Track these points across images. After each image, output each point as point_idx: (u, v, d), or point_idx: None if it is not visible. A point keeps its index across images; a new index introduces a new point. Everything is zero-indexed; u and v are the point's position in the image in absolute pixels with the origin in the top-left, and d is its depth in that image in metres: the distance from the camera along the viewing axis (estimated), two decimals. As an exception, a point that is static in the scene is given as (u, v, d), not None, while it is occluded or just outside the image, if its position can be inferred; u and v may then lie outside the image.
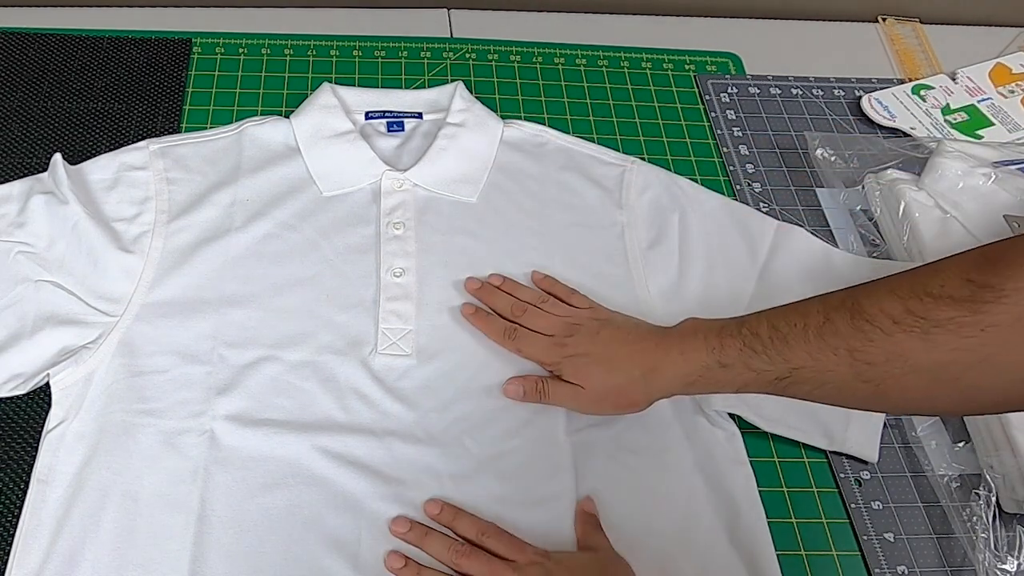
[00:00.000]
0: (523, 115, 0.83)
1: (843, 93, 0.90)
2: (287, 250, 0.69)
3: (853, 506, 0.65)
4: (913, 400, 0.51)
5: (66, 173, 0.69)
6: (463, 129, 0.75)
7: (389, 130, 0.78)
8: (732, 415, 0.66)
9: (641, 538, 0.60)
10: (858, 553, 0.63)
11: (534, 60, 0.90)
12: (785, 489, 0.65)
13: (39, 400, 0.64)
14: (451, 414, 0.64)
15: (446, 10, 0.94)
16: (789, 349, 0.53)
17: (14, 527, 0.58)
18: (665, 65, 0.91)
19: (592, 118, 0.85)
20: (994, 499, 0.63)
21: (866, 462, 0.66)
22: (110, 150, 0.73)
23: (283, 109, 0.82)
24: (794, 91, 0.89)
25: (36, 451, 0.61)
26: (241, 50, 0.87)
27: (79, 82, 0.83)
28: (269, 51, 0.88)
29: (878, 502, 0.65)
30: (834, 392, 0.53)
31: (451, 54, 0.89)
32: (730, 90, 0.89)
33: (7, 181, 0.71)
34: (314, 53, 0.88)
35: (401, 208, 0.72)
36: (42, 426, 0.62)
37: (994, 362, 0.46)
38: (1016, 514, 0.63)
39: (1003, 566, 0.61)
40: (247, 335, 0.65)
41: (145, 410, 0.62)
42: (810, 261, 0.74)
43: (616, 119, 0.85)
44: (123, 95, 0.82)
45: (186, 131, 0.80)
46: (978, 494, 0.63)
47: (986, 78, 0.91)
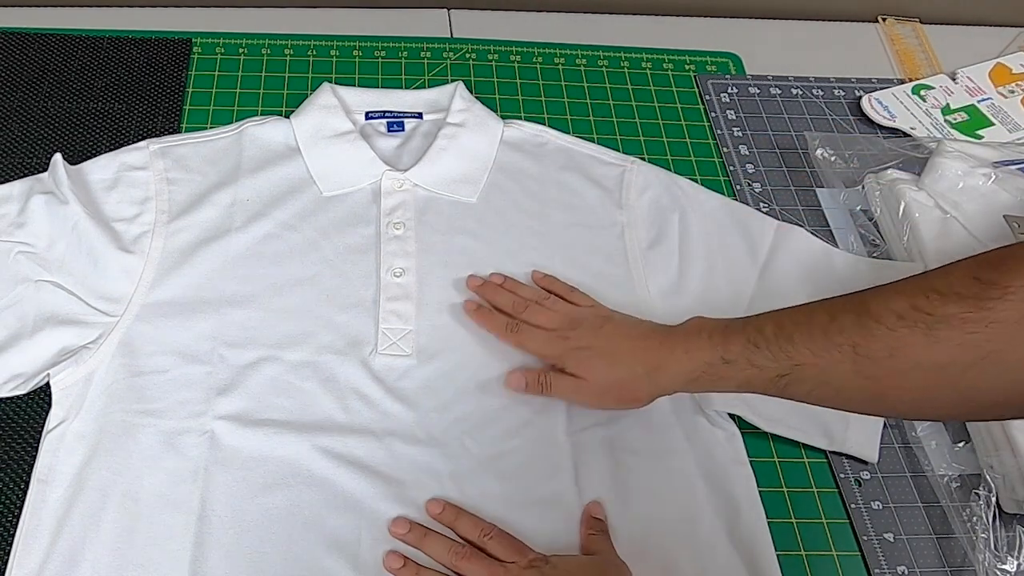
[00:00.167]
0: (523, 115, 0.83)
1: (843, 93, 0.90)
2: (287, 250, 0.69)
3: (853, 506, 0.65)
4: (913, 401, 0.51)
5: (66, 173, 0.69)
6: (463, 129, 0.76)
7: (389, 130, 0.78)
8: (732, 415, 0.66)
9: (641, 538, 0.60)
10: (858, 553, 0.63)
11: (534, 60, 0.90)
12: (785, 489, 0.65)
13: (39, 400, 0.64)
14: (451, 414, 0.64)
15: (446, 10, 0.94)
16: (793, 346, 0.53)
17: (14, 527, 0.58)
18: (665, 65, 0.91)
19: (592, 118, 0.85)
20: (994, 499, 0.63)
21: (866, 462, 0.66)
22: (110, 150, 0.73)
23: (283, 109, 0.82)
24: (794, 91, 0.89)
25: (36, 451, 0.61)
26: (241, 50, 0.87)
27: (79, 82, 0.83)
28: (269, 51, 0.88)
29: (878, 502, 0.65)
30: (834, 392, 0.53)
31: (451, 54, 0.89)
32: (730, 90, 0.89)
33: (7, 181, 0.71)
34: (314, 53, 0.88)
35: (401, 208, 0.72)
36: (42, 426, 0.62)
37: (996, 360, 0.46)
38: (1016, 514, 0.63)
39: (1003, 566, 0.61)
40: (247, 335, 0.65)
41: (145, 410, 0.62)
42: (810, 261, 0.74)
43: (616, 119, 0.85)
44: (123, 95, 0.82)
45: (186, 131, 0.80)
46: (978, 494, 0.63)
47: (986, 78, 0.91)
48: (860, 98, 0.88)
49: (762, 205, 0.80)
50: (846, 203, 0.80)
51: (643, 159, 0.79)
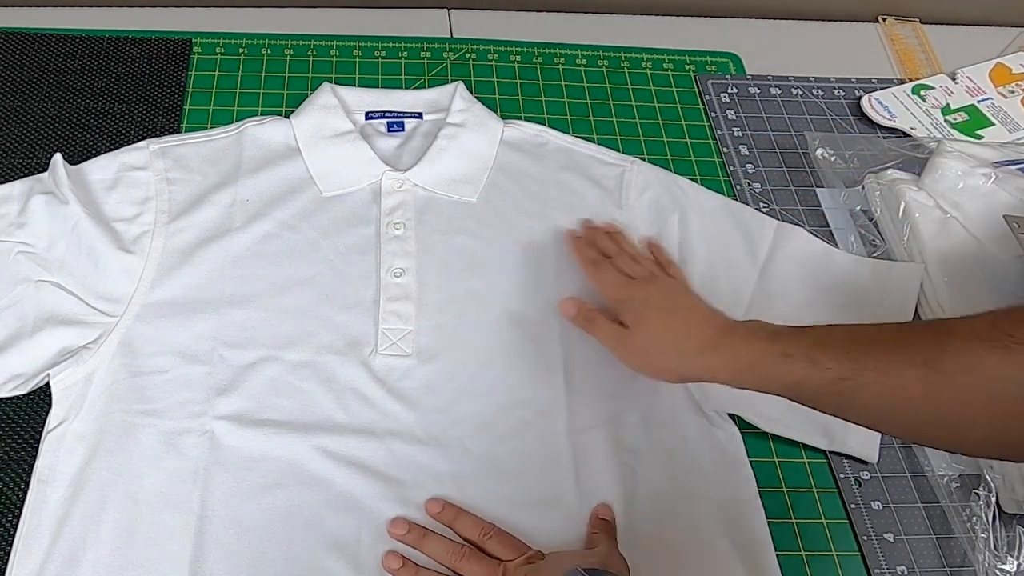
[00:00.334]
0: (523, 115, 0.83)
1: (843, 93, 0.90)
2: (287, 250, 0.69)
3: (853, 506, 0.65)
4: (973, 425, 0.48)
5: (66, 173, 0.69)
6: (463, 129, 0.76)
7: (389, 130, 0.78)
8: (732, 415, 0.66)
9: (641, 538, 0.60)
10: (858, 553, 0.63)
11: (534, 60, 0.90)
12: (785, 489, 0.65)
13: (39, 400, 0.64)
14: (451, 414, 0.64)
15: (446, 10, 0.94)
16: (862, 351, 0.50)
17: (14, 527, 0.59)
18: (665, 65, 0.91)
19: (592, 118, 0.85)
20: (994, 499, 0.63)
21: (866, 462, 0.66)
22: (110, 150, 0.73)
23: (283, 109, 0.82)
24: (794, 91, 0.89)
25: (36, 451, 0.61)
26: (241, 50, 0.87)
27: (79, 82, 0.83)
28: (269, 51, 0.88)
29: (878, 502, 0.65)
30: (893, 405, 0.50)
31: (451, 54, 0.89)
32: (730, 90, 0.89)
33: (7, 181, 0.71)
34: (314, 53, 0.88)
35: (401, 208, 0.72)
36: (42, 426, 0.62)
37: None
38: (1016, 514, 0.63)
39: (1003, 566, 0.61)
40: (247, 335, 0.65)
41: (145, 410, 0.62)
42: (810, 261, 0.74)
43: (616, 119, 0.85)
44: (123, 95, 0.82)
45: (186, 131, 0.80)
46: (978, 494, 0.63)
47: (986, 78, 0.91)
48: (860, 98, 0.88)
49: (762, 205, 0.80)
50: (846, 203, 0.80)
51: (643, 159, 0.79)
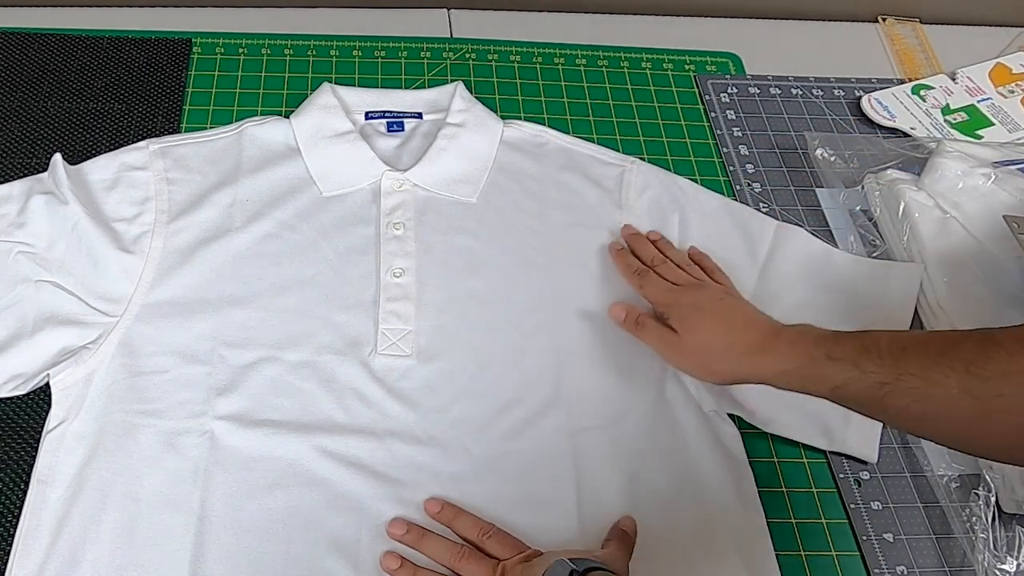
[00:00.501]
0: (523, 115, 0.83)
1: (843, 93, 0.90)
2: (287, 250, 0.69)
3: (852, 506, 0.65)
4: (1012, 431, 0.49)
5: (66, 173, 0.69)
6: (463, 129, 0.76)
7: (389, 130, 0.78)
8: (732, 415, 0.66)
9: (640, 538, 0.60)
10: (857, 553, 0.63)
11: (534, 60, 0.90)
12: (785, 489, 0.65)
13: (39, 400, 0.64)
14: (451, 415, 0.64)
15: (446, 10, 0.94)
16: (905, 357, 0.51)
17: (14, 527, 0.59)
18: (665, 65, 0.91)
19: (592, 118, 0.85)
20: (993, 499, 0.63)
21: (865, 462, 0.66)
22: (110, 150, 0.73)
23: (283, 109, 0.82)
24: (794, 91, 0.89)
25: (36, 451, 0.61)
26: (241, 50, 0.87)
27: (79, 82, 0.83)
28: (269, 51, 0.88)
29: (877, 502, 0.65)
30: (934, 410, 0.51)
31: (451, 54, 0.89)
32: (730, 90, 0.89)
33: (7, 181, 0.71)
34: (314, 53, 0.88)
35: (401, 208, 0.72)
36: (42, 426, 0.62)
37: None
38: (1015, 514, 0.63)
39: (1002, 566, 0.61)
40: (247, 335, 0.65)
41: (145, 410, 0.62)
42: (810, 261, 0.74)
43: (616, 119, 0.85)
44: (123, 95, 0.82)
45: (186, 131, 0.80)
46: (977, 494, 0.63)
47: (986, 78, 0.91)
48: (860, 98, 0.88)
49: (762, 205, 0.80)
50: (846, 203, 0.80)
51: (643, 159, 0.79)
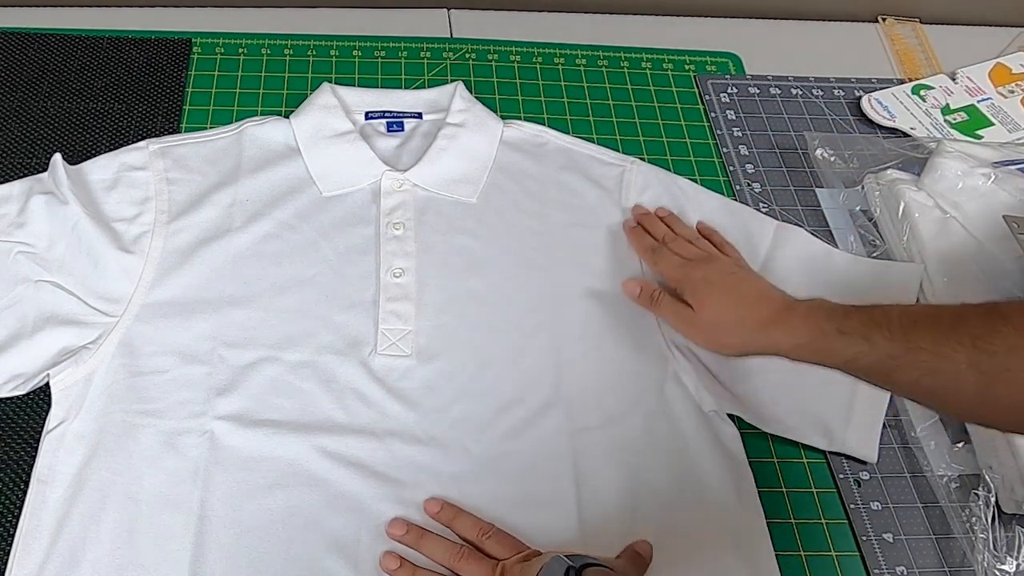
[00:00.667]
0: (523, 115, 0.83)
1: (843, 93, 0.90)
2: (287, 250, 0.69)
3: (852, 506, 0.65)
4: (1018, 405, 0.50)
5: (66, 173, 0.69)
6: (463, 129, 0.76)
7: (389, 130, 0.78)
8: (732, 415, 0.66)
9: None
10: (857, 553, 0.63)
11: (534, 60, 0.90)
12: (784, 489, 0.65)
13: (39, 400, 0.64)
14: (451, 415, 0.64)
15: (446, 10, 0.94)
16: (916, 331, 0.52)
17: (14, 527, 0.59)
18: (665, 65, 0.91)
19: (592, 118, 0.85)
20: (993, 500, 0.63)
21: (865, 462, 0.66)
22: (110, 150, 0.73)
23: (283, 109, 0.82)
24: (794, 91, 0.89)
25: (36, 451, 0.61)
26: (241, 50, 0.87)
27: (79, 82, 0.83)
28: (269, 51, 0.88)
29: (877, 502, 0.65)
30: (941, 384, 0.52)
31: (451, 54, 0.89)
32: (730, 90, 0.89)
33: (7, 181, 0.71)
34: (314, 53, 0.88)
35: (401, 208, 0.72)
36: (42, 426, 0.62)
37: None
38: (1015, 515, 0.63)
39: (1002, 566, 0.61)
40: (247, 335, 0.65)
41: (145, 410, 0.62)
42: (810, 261, 0.74)
43: (616, 119, 0.85)
44: (123, 95, 0.82)
45: (186, 131, 0.80)
46: (977, 495, 0.63)
47: (986, 78, 0.91)
48: (860, 98, 0.88)
49: (762, 205, 0.80)
50: (846, 203, 0.80)
51: (643, 159, 0.79)
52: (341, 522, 0.59)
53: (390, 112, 0.78)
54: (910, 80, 0.91)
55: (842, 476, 0.66)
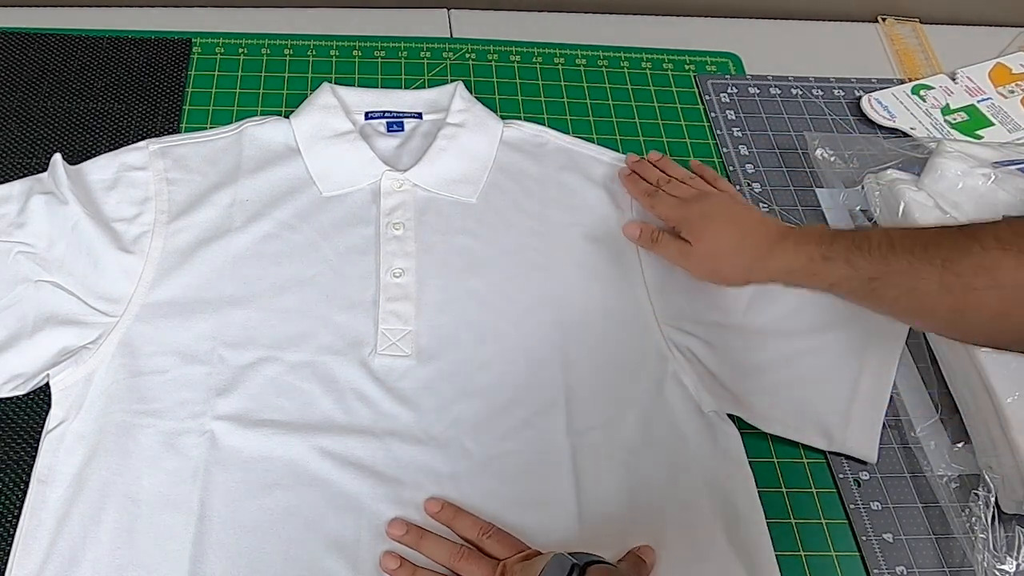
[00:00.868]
0: (523, 115, 0.83)
1: (843, 93, 0.90)
2: (287, 250, 0.69)
3: (852, 507, 0.65)
4: (985, 322, 0.52)
5: (66, 173, 0.69)
6: (463, 129, 0.76)
7: (389, 130, 0.78)
8: (732, 415, 0.66)
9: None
10: (857, 554, 0.63)
11: (534, 60, 0.90)
12: (784, 490, 0.65)
13: (39, 400, 0.64)
14: (451, 415, 0.64)
15: (446, 10, 0.94)
16: (893, 254, 0.55)
17: (14, 527, 0.59)
18: (665, 65, 0.91)
19: (592, 118, 0.85)
20: (993, 500, 0.63)
21: (865, 463, 0.66)
22: (110, 150, 0.73)
23: (283, 109, 0.82)
24: (794, 91, 0.89)
25: (36, 451, 0.61)
26: (241, 50, 0.87)
27: (79, 82, 0.83)
28: (269, 51, 0.88)
29: (877, 502, 0.65)
30: (917, 303, 0.54)
31: (451, 54, 0.89)
32: (730, 90, 0.89)
33: (7, 181, 0.71)
34: (314, 53, 0.88)
35: (401, 208, 0.72)
36: (42, 426, 0.62)
37: None
38: (1015, 514, 0.63)
39: (1002, 566, 0.61)
40: (247, 335, 0.65)
41: (145, 410, 0.62)
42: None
43: (616, 119, 0.85)
44: (123, 95, 0.82)
45: (186, 131, 0.80)
46: (977, 495, 0.63)
47: (986, 78, 0.91)
48: (860, 98, 0.88)
49: (762, 205, 0.80)
50: (846, 203, 0.80)
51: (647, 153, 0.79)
52: (341, 522, 0.59)
53: (390, 112, 0.78)
54: (910, 80, 0.91)
55: (842, 476, 0.66)
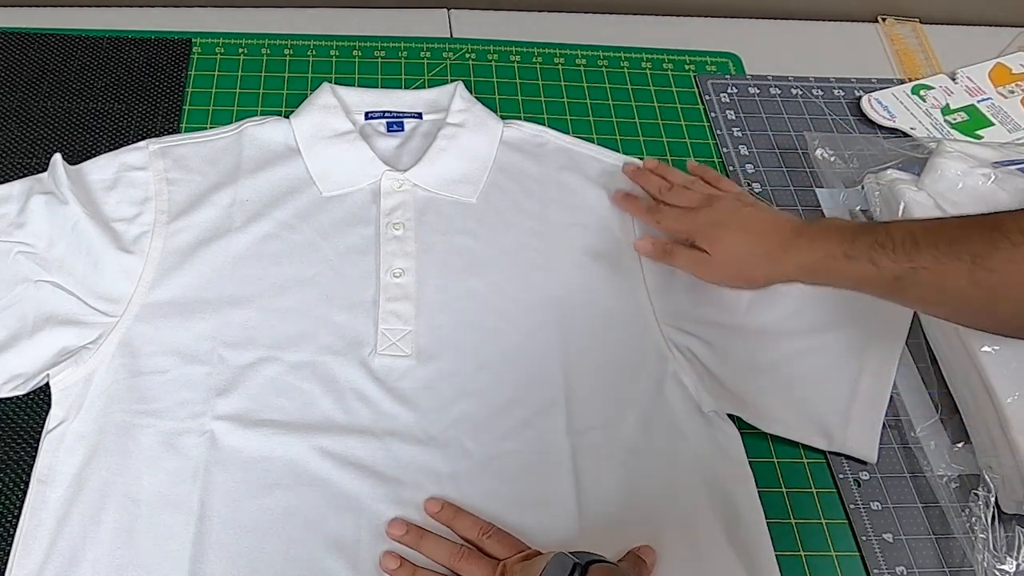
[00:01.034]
0: (523, 115, 0.83)
1: (843, 93, 0.90)
2: (287, 250, 0.69)
3: (852, 507, 0.65)
4: (1020, 313, 0.52)
5: (66, 173, 0.69)
6: (463, 129, 0.76)
7: (389, 130, 0.78)
8: (732, 416, 0.66)
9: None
10: (857, 554, 0.63)
11: (534, 60, 0.90)
12: (784, 490, 0.65)
13: (39, 400, 0.64)
14: (451, 415, 0.64)
15: (446, 10, 0.94)
16: (918, 251, 0.54)
17: (14, 527, 0.59)
18: (665, 65, 0.91)
19: (592, 118, 0.85)
20: (993, 500, 0.63)
21: (865, 463, 0.66)
22: (110, 150, 0.73)
23: (283, 109, 0.82)
24: (794, 91, 0.89)
25: (36, 451, 0.61)
26: (241, 50, 0.87)
27: (79, 82, 0.83)
28: (269, 51, 0.88)
29: (877, 503, 0.65)
30: (946, 298, 0.54)
31: (451, 54, 0.89)
32: (730, 90, 0.89)
33: (7, 181, 0.71)
34: (314, 53, 0.88)
35: (401, 208, 0.72)
36: (42, 426, 0.62)
37: None
38: (1015, 515, 0.63)
39: (1002, 566, 0.61)
40: (247, 335, 0.65)
41: (145, 410, 0.62)
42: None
43: (616, 119, 0.85)
44: (123, 95, 0.82)
45: (186, 131, 0.80)
46: (977, 495, 0.63)
47: (986, 78, 0.91)
48: (860, 98, 0.88)
49: (762, 205, 0.80)
50: (846, 203, 0.80)
51: (643, 159, 0.79)
52: (341, 522, 0.59)
53: (390, 112, 0.78)
54: (910, 80, 0.91)
55: (842, 476, 0.66)
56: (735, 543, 0.61)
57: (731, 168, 0.82)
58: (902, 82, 0.91)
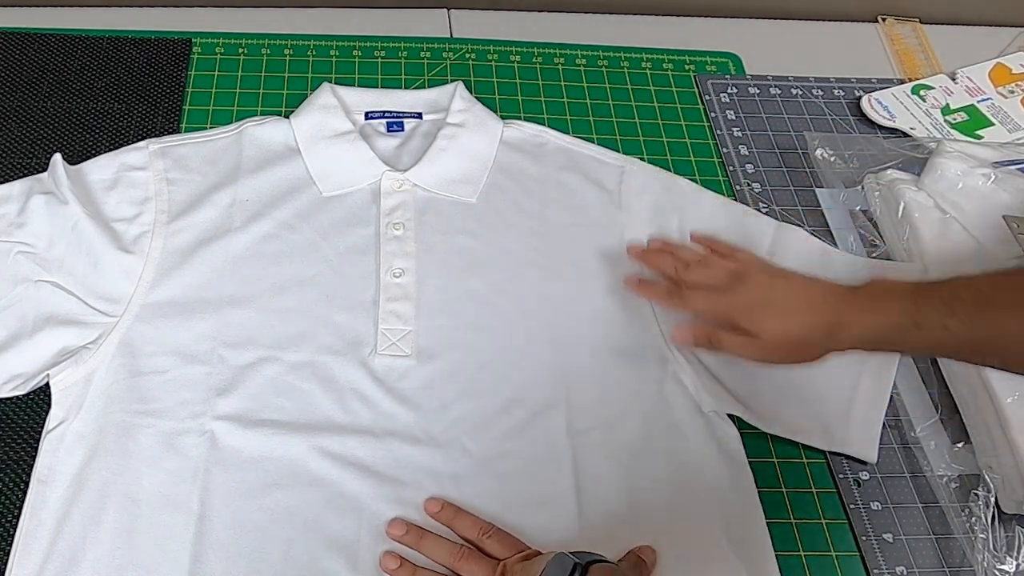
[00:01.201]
0: (523, 115, 0.83)
1: (843, 93, 0.90)
2: (287, 250, 0.69)
3: (852, 507, 0.65)
4: None
5: (66, 173, 0.69)
6: (463, 129, 0.76)
7: (389, 130, 0.78)
8: (732, 416, 0.66)
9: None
10: (857, 554, 0.63)
11: (534, 60, 0.90)
12: (784, 490, 0.66)
13: (39, 400, 0.64)
14: (451, 415, 0.64)
15: (446, 10, 0.94)
16: (994, 312, 0.51)
17: (14, 527, 0.59)
18: (665, 65, 0.91)
19: (592, 118, 0.85)
20: (993, 500, 0.63)
21: (865, 463, 0.66)
22: (110, 150, 0.73)
23: (283, 109, 0.82)
24: (794, 91, 0.89)
25: (36, 451, 0.61)
26: (241, 50, 0.87)
27: (79, 82, 0.83)
28: (269, 51, 0.88)
29: (877, 503, 0.65)
30: (1020, 353, 0.51)
31: (451, 54, 0.89)
32: (730, 90, 0.89)
33: (7, 181, 0.71)
34: (314, 53, 0.88)
35: (401, 208, 0.72)
36: (42, 426, 0.62)
37: None
38: (1015, 515, 0.63)
39: (1002, 566, 0.61)
40: (247, 335, 0.65)
41: (145, 410, 0.62)
42: (809, 261, 0.74)
43: (616, 119, 0.85)
44: (123, 95, 0.82)
45: (186, 131, 0.80)
46: (977, 495, 0.63)
47: (986, 78, 0.91)
48: (860, 98, 0.88)
49: (761, 205, 0.80)
50: (846, 203, 0.80)
51: (643, 159, 0.79)
52: (341, 522, 0.59)
53: (390, 112, 0.78)
54: (910, 80, 0.91)
55: (842, 476, 0.66)
56: (735, 543, 0.61)
57: (731, 168, 0.82)
58: (902, 82, 0.91)
